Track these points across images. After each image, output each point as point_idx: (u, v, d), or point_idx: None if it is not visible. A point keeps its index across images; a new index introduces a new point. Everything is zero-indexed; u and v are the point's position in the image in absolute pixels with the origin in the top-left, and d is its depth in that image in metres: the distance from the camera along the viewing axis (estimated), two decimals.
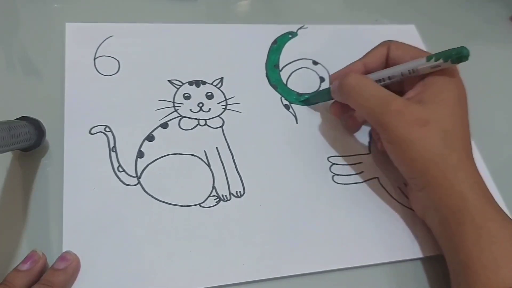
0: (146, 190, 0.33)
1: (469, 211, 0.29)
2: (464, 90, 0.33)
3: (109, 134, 0.34)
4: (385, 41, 0.36)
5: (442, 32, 0.49)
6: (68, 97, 0.35)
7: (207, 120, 0.37)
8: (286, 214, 0.33)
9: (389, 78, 0.34)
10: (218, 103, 0.38)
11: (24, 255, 0.28)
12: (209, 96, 0.38)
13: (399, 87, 0.35)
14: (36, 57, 0.37)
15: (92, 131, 0.34)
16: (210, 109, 0.37)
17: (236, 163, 0.35)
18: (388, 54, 0.35)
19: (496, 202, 0.30)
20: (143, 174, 0.33)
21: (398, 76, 0.33)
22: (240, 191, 0.34)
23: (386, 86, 0.33)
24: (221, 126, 0.37)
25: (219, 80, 0.39)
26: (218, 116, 0.37)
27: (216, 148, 0.35)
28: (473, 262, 0.28)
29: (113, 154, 0.34)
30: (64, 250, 0.29)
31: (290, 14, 0.47)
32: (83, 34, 0.39)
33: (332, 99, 0.36)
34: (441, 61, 0.31)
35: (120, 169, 0.33)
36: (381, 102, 0.31)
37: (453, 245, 0.30)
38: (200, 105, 0.37)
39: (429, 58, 0.31)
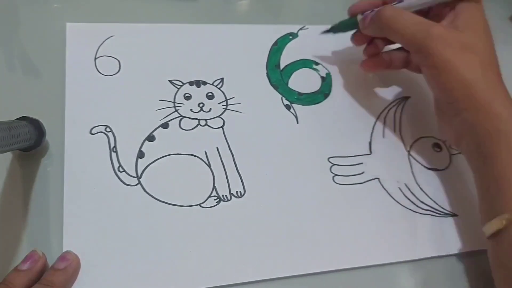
0: (147, 190, 0.33)
1: (505, 133, 0.30)
2: (485, 19, 0.34)
3: (110, 134, 0.34)
4: None
5: None
6: (69, 97, 0.35)
7: (208, 120, 0.37)
8: (286, 214, 0.33)
9: (415, 5, 0.35)
10: (218, 103, 0.38)
11: (24, 255, 0.28)
12: (210, 96, 0.38)
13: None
14: (36, 57, 0.37)
15: (93, 131, 0.34)
16: (210, 109, 0.37)
17: (237, 164, 0.35)
18: None
19: None
20: (144, 174, 0.33)
21: (428, 3, 0.34)
22: (240, 192, 0.34)
23: None
24: (222, 127, 0.37)
25: (219, 80, 0.39)
26: (218, 116, 0.37)
27: (217, 148, 0.35)
28: (504, 179, 0.29)
29: (113, 154, 0.34)
30: (64, 250, 0.29)
31: (290, 14, 0.46)
32: (84, 34, 0.39)
33: (355, 30, 0.39)
34: None
35: (121, 169, 0.33)
36: (422, 28, 0.32)
37: (488, 164, 0.31)
38: (201, 105, 0.37)
39: None
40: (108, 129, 0.34)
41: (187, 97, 0.38)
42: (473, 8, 0.33)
